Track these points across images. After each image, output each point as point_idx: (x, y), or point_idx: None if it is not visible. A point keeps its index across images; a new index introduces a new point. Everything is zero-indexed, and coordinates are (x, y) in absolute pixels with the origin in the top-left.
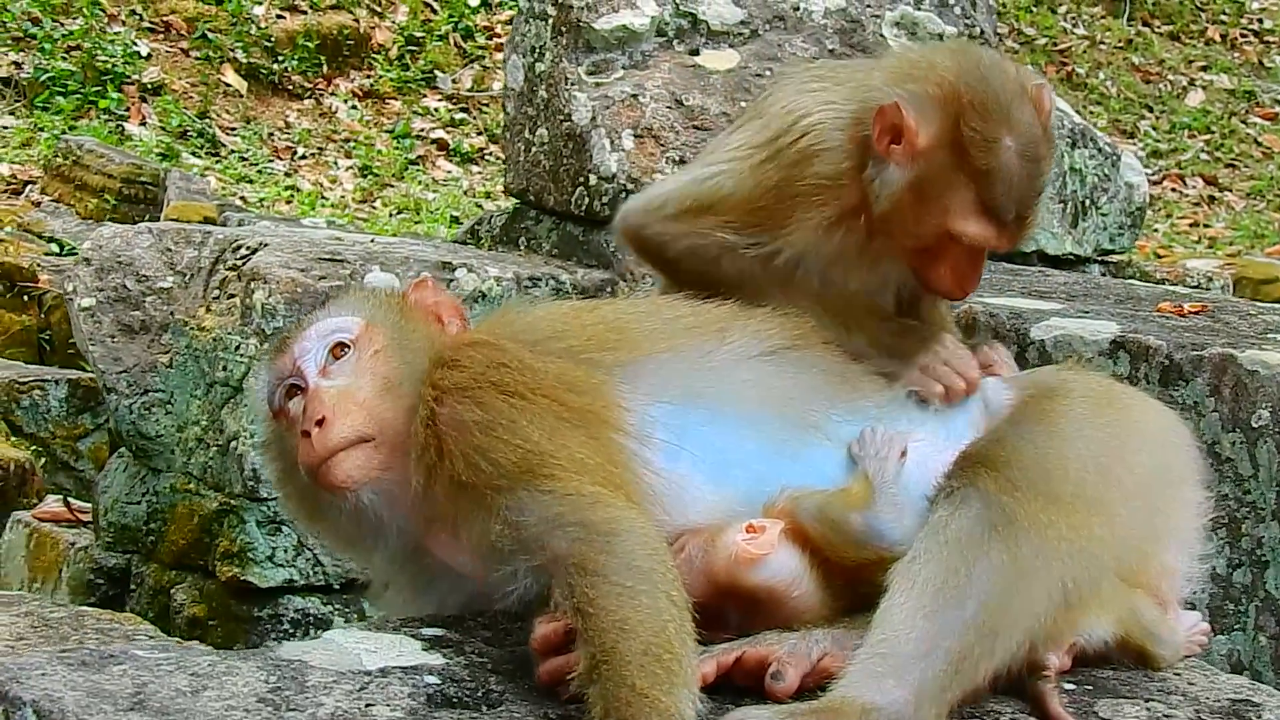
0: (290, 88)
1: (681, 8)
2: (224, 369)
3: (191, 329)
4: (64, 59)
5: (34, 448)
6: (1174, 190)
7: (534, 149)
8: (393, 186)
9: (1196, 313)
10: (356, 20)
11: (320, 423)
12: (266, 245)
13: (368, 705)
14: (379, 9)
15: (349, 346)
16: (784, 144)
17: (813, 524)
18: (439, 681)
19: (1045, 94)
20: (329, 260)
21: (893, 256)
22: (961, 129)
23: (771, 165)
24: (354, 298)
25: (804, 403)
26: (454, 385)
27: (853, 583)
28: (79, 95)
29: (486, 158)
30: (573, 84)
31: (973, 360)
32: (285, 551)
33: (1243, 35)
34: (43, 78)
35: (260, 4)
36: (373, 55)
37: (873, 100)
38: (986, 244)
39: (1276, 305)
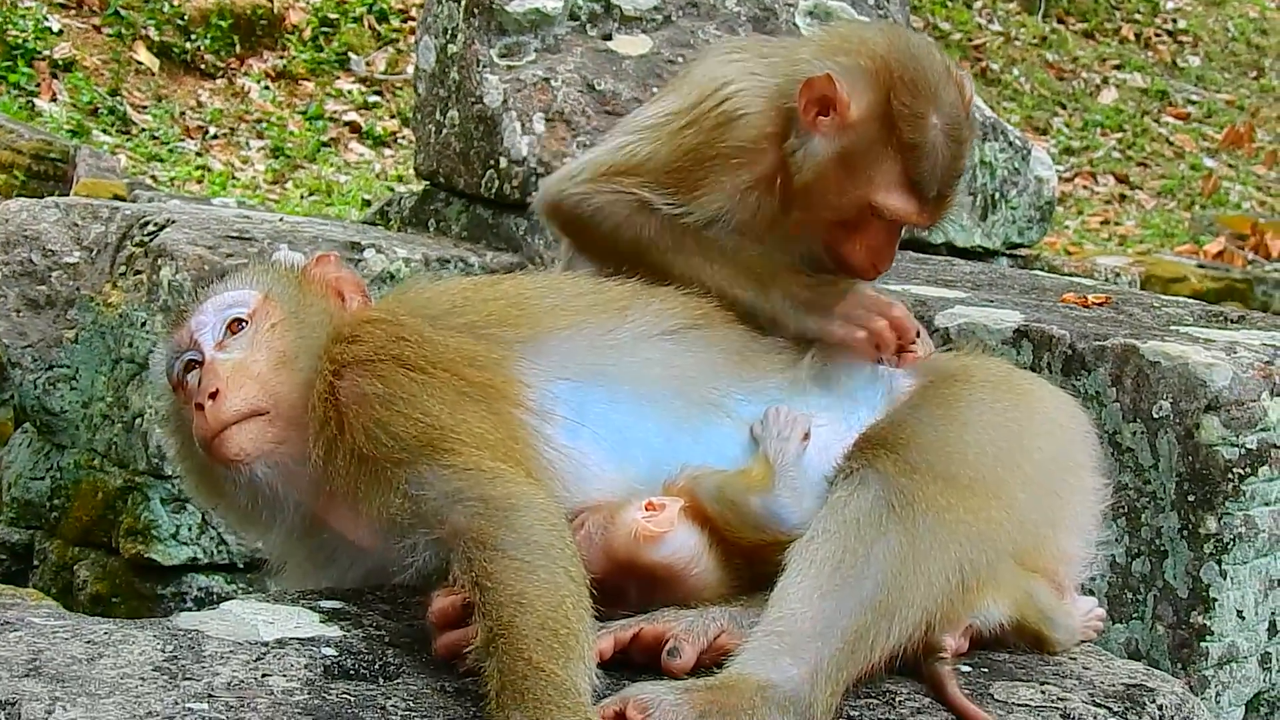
0: (203, 67)
1: None
2: (130, 345)
3: (98, 305)
4: None
5: None
6: (1085, 188)
7: (444, 131)
8: (304, 168)
9: (1100, 304)
10: (270, 0)
11: (214, 395)
12: (174, 222)
13: (264, 675)
14: None
15: (246, 321)
16: (705, 109)
17: (711, 504)
18: (336, 653)
19: (967, 80)
20: (237, 238)
21: (807, 232)
22: (892, 103)
23: (691, 130)
24: (253, 271)
25: (705, 382)
26: (354, 359)
27: (751, 562)
28: None
29: (399, 141)
30: (484, 66)
31: (894, 302)
32: (189, 529)
33: (1156, 35)
34: None
35: None
36: (286, 36)
37: (800, 72)
38: (907, 219)
39: (1180, 298)
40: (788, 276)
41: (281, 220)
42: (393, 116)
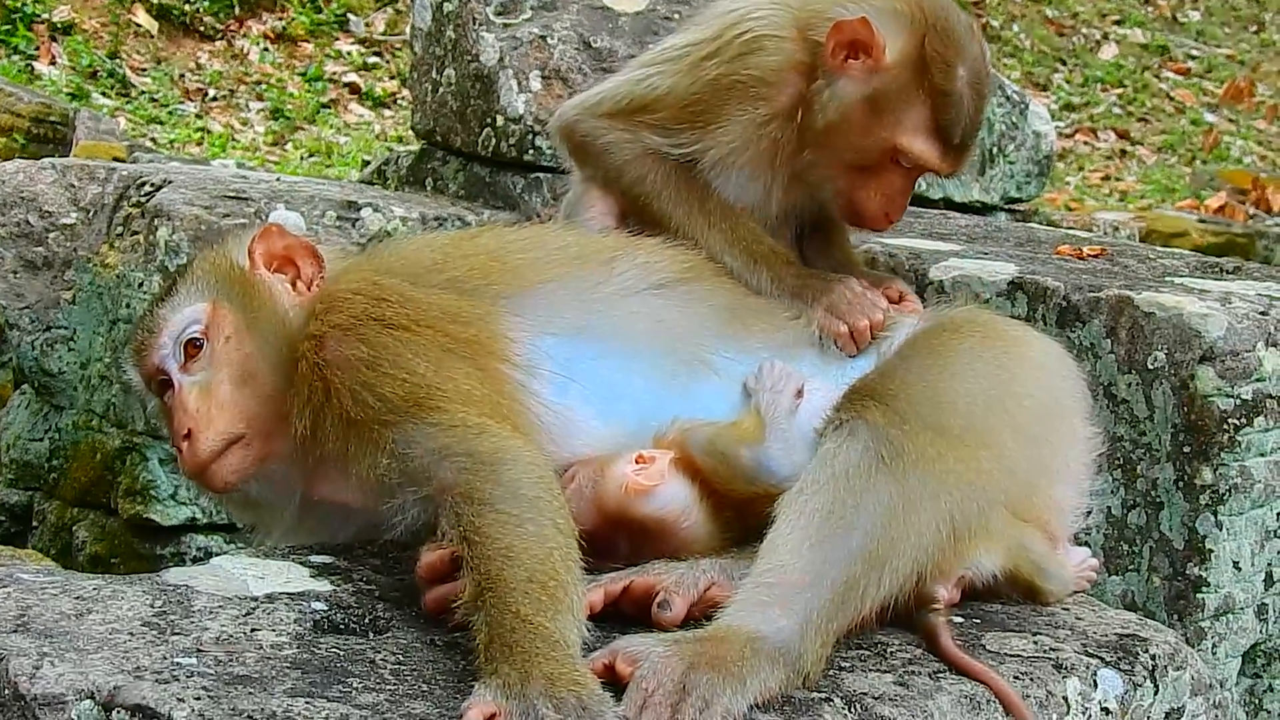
0: (202, 29)
1: None
2: (127, 306)
3: (95, 266)
4: None
5: None
6: (1086, 144)
7: (441, 90)
8: (304, 130)
9: (1095, 256)
10: None
11: (188, 436)
12: (171, 182)
13: (253, 630)
14: None
15: (201, 339)
16: (728, 38)
17: (702, 456)
18: (326, 608)
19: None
20: (234, 198)
21: (820, 174)
22: (925, 48)
23: (712, 61)
24: (197, 274)
25: (693, 339)
26: (334, 326)
27: (742, 514)
28: None
29: (399, 102)
30: (480, 24)
31: (880, 300)
32: (188, 489)
33: None
34: None
35: None
36: None
37: (831, 12)
38: (930, 164)
39: (1175, 250)
40: (779, 261)
41: (278, 180)
42: (392, 78)
